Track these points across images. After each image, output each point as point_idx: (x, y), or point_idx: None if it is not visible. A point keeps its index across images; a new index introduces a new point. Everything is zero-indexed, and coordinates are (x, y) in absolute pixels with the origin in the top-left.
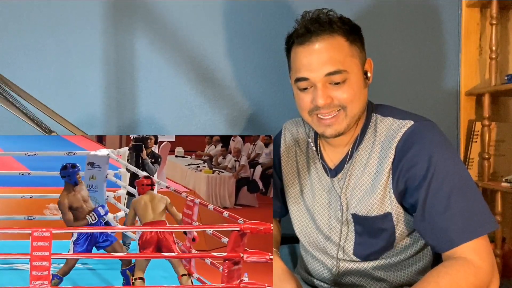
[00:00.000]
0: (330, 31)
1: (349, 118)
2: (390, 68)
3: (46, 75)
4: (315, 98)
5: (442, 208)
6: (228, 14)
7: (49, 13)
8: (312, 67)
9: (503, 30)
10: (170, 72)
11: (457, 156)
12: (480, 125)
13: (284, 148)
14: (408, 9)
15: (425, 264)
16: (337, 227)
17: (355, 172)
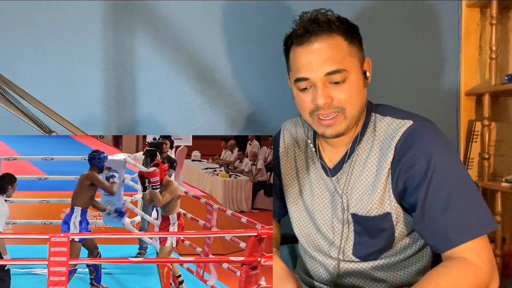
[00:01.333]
0: (328, 31)
1: (348, 119)
2: (390, 68)
3: (46, 75)
4: (315, 98)
5: (441, 208)
6: (228, 14)
7: (49, 13)
8: (311, 67)
9: (503, 30)
10: (170, 72)
11: (456, 156)
12: (480, 125)
13: (283, 148)
14: (408, 9)
15: (424, 264)
16: (336, 227)
17: (354, 172)
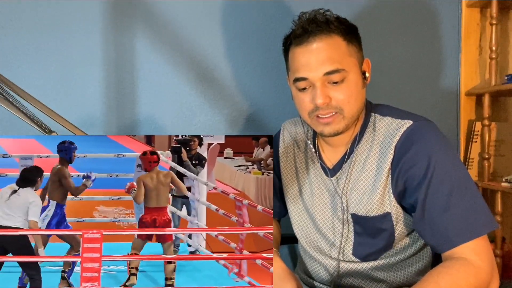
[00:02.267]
0: (327, 30)
1: (346, 119)
2: (390, 68)
3: (46, 75)
4: (314, 97)
5: (441, 208)
6: (228, 14)
7: (49, 13)
8: (310, 67)
9: (503, 30)
10: (170, 72)
11: (456, 156)
12: (480, 125)
13: (283, 148)
14: (408, 9)
15: (424, 264)
16: (336, 227)
17: (353, 172)
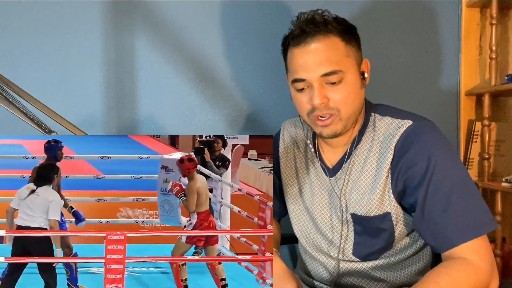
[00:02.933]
0: (325, 31)
1: (344, 120)
2: (390, 68)
3: (46, 75)
4: (311, 98)
5: (441, 208)
6: (228, 14)
7: (49, 13)
8: (308, 68)
9: (503, 30)
10: (170, 72)
11: (456, 156)
12: (480, 125)
13: (283, 148)
14: (408, 9)
15: (424, 264)
16: (336, 227)
17: (353, 172)
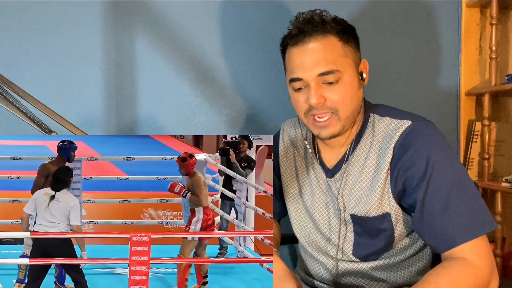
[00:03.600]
0: (323, 31)
1: (342, 120)
2: (390, 68)
3: (46, 75)
4: (308, 98)
5: (440, 208)
6: (228, 14)
7: (49, 13)
8: (305, 67)
9: (503, 30)
10: (170, 72)
11: (455, 156)
12: (480, 125)
13: (283, 148)
14: (408, 9)
15: (424, 265)
16: (336, 227)
17: (352, 173)
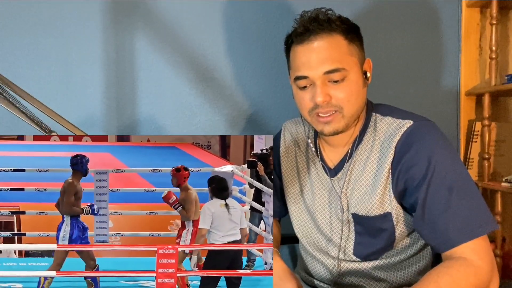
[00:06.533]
0: (328, 29)
1: (346, 118)
2: (390, 68)
3: (46, 75)
4: (314, 96)
5: (441, 208)
6: (228, 14)
7: (49, 13)
8: (311, 65)
9: (503, 30)
10: (170, 72)
11: (456, 156)
12: (480, 125)
13: (284, 148)
14: (408, 9)
15: (425, 264)
16: (337, 227)
17: (354, 172)
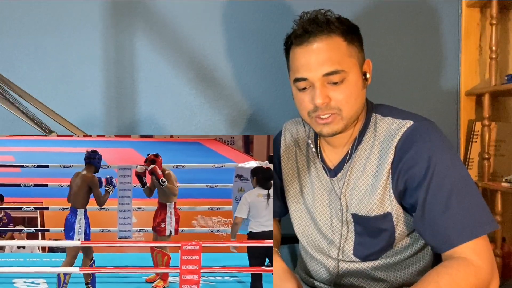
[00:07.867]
0: (327, 31)
1: (345, 120)
2: (390, 68)
3: (46, 75)
4: (313, 98)
5: (441, 208)
6: (228, 14)
7: (49, 13)
8: (310, 67)
9: (503, 30)
10: (170, 72)
11: (456, 156)
12: (480, 125)
13: (284, 148)
14: (408, 9)
15: (425, 264)
16: (337, 227)
17: (354, 172)
